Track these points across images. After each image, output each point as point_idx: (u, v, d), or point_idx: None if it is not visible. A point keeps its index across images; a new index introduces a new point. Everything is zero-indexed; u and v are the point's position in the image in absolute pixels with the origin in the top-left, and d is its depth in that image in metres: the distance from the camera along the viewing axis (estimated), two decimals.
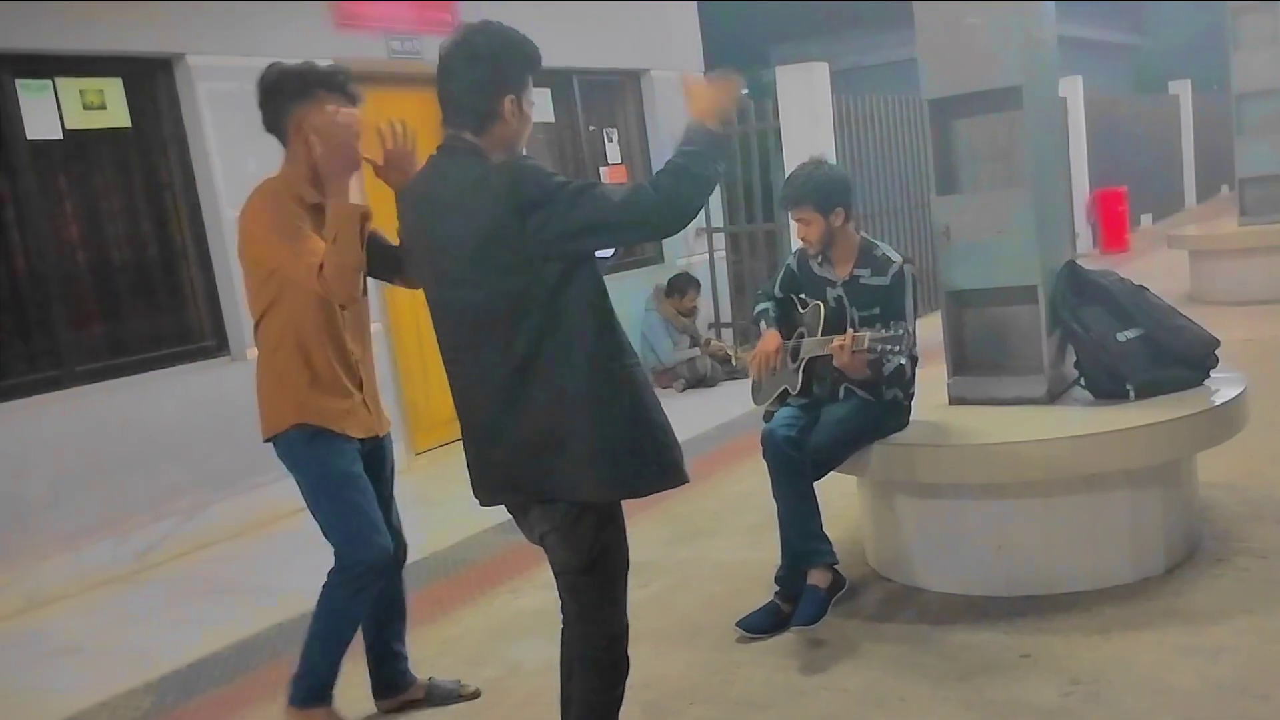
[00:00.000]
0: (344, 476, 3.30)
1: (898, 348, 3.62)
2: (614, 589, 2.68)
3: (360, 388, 3.36)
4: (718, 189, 10.31)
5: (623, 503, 2.67)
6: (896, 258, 3.98)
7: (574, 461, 2.52)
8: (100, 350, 5.87)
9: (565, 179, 2.51)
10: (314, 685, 3.40)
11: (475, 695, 3.74)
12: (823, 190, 3.93)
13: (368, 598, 3.37)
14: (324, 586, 3.37)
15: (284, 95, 3.20)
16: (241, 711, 3.91)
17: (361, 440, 3.36)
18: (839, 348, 3.74)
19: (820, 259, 4.05)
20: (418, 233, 2.69)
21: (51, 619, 5.13)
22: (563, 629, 2.76)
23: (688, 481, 2.64)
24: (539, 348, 2.49)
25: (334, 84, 3.21)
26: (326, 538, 3.37)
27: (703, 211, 11.04)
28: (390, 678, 3.68)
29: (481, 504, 2.78)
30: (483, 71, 2.55)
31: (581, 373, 2.50)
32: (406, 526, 3.67)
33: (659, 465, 2.60)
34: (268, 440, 3.37)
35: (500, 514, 2.82)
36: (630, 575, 2.76)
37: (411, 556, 5.21)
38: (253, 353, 6.21)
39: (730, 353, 9.21)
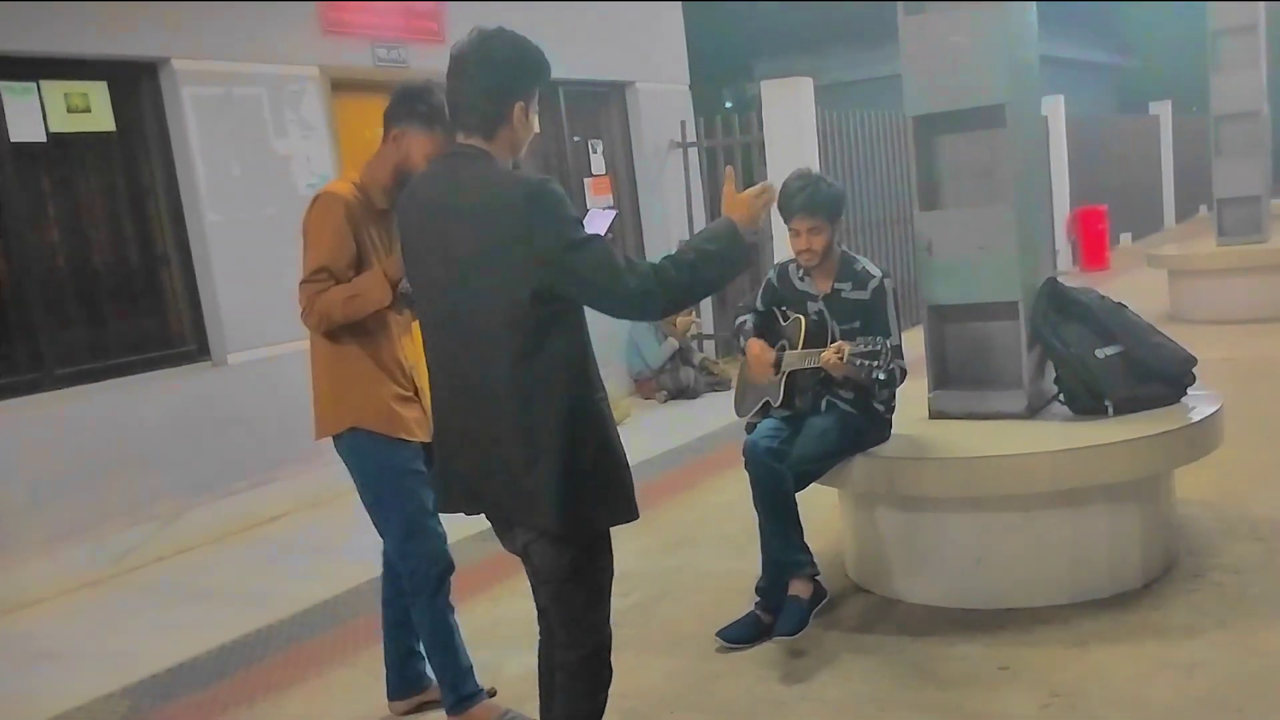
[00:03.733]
0: (407, 473, 3.36)
1: (876, 362, 3.64)
2: (599, 597, 2.66)
3: (417, 392, 3.40)
4: (700, 198, 10.31)
5: None
6: (876, 272, 4.01)
7: (534, 492, 2.50)
8: (81, 353, 5.84)
9: (577, 219, 2.47)
10: (457, 686, 3.48)
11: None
12: (835, 201, 3.96)
13: (447, 589, 3.44)
14: (408, 601, 3.47)
15: (408, 112, 3.25)
16: (219, 717, 3.89)
17: (424, 444, 3.38)
18: (830, 359, 3.75)
19: (803, 273, 4.07)
20: (424, 238, 2.62)
21: (28, 623, 5.09)
22: (541, 639, 2.75)
23: (638, 518, 2.62)
24: (518, 371, 2.48)
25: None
26: (383, 536, 3.45)
27: (685, 222, 10.97)
28: (410, 678, 3.70)
29: (440, 510, 2.79)
30: (498, 77, 2.54)
31: (555, 403, 2.48)
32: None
33: (617, 501, 2.59)
34: (320, 438, 3.43)
35: (480, 523, 2.82)
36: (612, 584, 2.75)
37: None
38: (234, 358, 6.29)
39: (711, 364, 9.26)
